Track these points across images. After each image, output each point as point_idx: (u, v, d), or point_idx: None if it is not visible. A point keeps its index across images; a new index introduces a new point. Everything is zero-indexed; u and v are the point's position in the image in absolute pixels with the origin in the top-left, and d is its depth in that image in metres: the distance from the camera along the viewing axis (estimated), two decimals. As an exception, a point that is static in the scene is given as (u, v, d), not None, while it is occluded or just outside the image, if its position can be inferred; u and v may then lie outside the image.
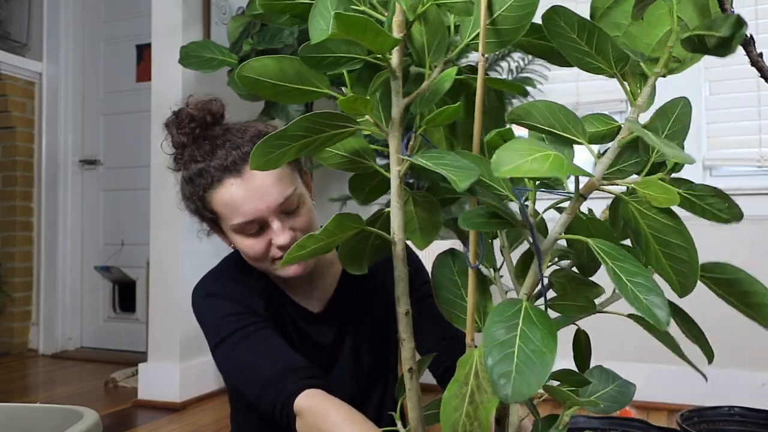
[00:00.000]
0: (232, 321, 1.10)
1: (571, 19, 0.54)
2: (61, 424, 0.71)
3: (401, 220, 0.65)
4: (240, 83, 0.60)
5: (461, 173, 0.53)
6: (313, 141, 0.62)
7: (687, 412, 1.13)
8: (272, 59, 0.61)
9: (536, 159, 0.49)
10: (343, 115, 0.61)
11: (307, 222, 1.11)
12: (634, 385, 0.71)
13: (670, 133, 0.60)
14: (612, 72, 0.57)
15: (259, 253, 1.09)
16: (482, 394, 0.55)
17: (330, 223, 0.61)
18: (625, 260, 0.52)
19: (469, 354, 0.58)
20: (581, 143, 0.57)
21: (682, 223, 0.55)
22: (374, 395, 1.25)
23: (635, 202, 0.57)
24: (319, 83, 0.63)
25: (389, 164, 0.65)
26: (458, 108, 0.61)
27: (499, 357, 0.48)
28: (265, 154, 0.61)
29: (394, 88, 0.63)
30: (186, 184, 1.13)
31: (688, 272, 0.55)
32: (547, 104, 0.58)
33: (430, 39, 0.63)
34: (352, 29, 0.53)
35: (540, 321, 0.51)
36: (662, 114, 0.61)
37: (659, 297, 0.50)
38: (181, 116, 1.15)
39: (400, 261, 0.66)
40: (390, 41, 0.57)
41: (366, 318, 1.23)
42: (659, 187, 0.54)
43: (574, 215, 0.58)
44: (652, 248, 0.56)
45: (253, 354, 1.07)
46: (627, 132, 0.57)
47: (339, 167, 0.70)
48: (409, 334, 0.66)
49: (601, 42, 0.55)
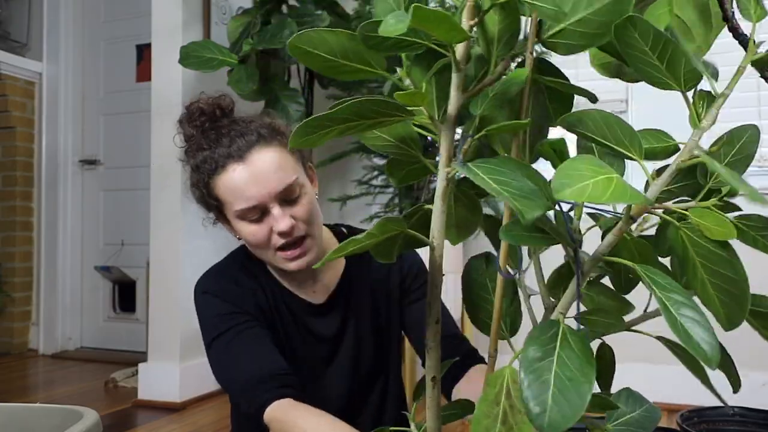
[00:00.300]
0: (224, 321, 1.14)
1: (647, 31, 0.51)
2: (61, 424, 0.71)
3: (443, 224, 0.61)
4: (291, 53, 0.57)
5: (528, 202, 0.48)
6: (359, 125, 0.59)
7: (687, 412, 1.13)
8: (330, 32, 0.57)
9: (598, 183, 0.46)
10: (395, 104, 0.57)
11: (308, 212, 1.12)
12: (659, 410, 0.69)
13: (732, 161, 0.58)
14: (680, 89, 0.54)
15: (261, 240, 1.11)
16: (516, 415, 0.53)
17: (375, 227, 0.59)
18: (674, 290, 0.50)
19: (500, 373, 0.56)
20: (635, 160, 0.54)
21: (735, 255, 0.52)
22: (375, 390, 1.26)
23: (686, 229, 0.54)
24: (374, 63, 0.59)
25: (433, 155, 0.62)
26: (527, 124, 0.57)
27: (534, 383, 0.47)
28: (306, 133, 0.57)
29: (455, 81, 0.59)
30: (193, 172, 1.16)
31: (737, 305, 0.53)
32: (603, 114, 0.55)
33: (504, 30, 0.58)
34: (428, 22, 0.50)
35: (578, 346, 0.49)
36: (727, 140, 0.57)
37: (708, 332, 0.47)
38: (192, 110, 1.19)
39: (436, 267, 0.63)
40: (462, 36, 0.54)
41: (368, 312, 1.25)
42: (715, 218, 0.51)
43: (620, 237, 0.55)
44: (700, 276, 0.54)
45: (237, 356, 1.11)
46: (688, 156, 0.53)
47: (382, 150, 0.67)
48: (437, 342, 0.64)
49: (675, 57, 0.52)
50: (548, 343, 0.50)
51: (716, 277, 0.53)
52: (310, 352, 1.20)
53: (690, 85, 0.53)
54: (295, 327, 1.20)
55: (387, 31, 0.49)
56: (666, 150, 0.58)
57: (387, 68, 0.61)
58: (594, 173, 0.47)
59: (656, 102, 2.55)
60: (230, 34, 2.69)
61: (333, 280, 1.24)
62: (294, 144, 0.58)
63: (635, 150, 0.54)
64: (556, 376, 0.47)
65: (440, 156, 0.60)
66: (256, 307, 1.17)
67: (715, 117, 0.54)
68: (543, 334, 0.51)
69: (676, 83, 0.53)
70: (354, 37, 0.58)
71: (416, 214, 0.66)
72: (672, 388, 2.50)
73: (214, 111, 1.17)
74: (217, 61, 2.54)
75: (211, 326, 1.16)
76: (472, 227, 0.70)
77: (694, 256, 0.54)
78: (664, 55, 0.52)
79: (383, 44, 0.57)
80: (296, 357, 1.19)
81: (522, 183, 0.51)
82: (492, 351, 0.65)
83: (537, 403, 0.46)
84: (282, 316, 1.20)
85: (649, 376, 2.55)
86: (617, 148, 0.55)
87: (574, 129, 0.56)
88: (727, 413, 1.14)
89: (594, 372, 0.48)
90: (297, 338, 1.20)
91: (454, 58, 0.58)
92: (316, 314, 1.22)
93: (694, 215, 0.53)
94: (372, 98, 0.56)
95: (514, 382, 0.54)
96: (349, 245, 0.58)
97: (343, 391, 1.22)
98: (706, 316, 0.49)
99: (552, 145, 0.58)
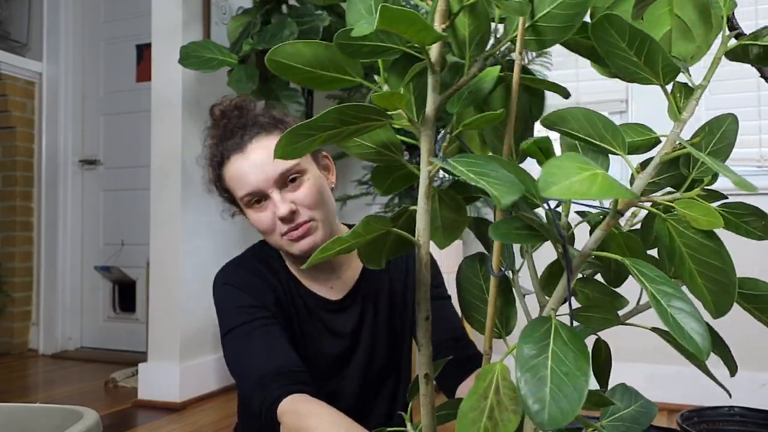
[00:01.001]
0: (243, 313, 1.16)
1: (623, 28, 0.52)
2: (61, 424, 0.71)
3: (428, 223, 0.62)
4: (269, 67, 0.58)
5: (504, 188, 0.49)
6: (342, 132, 0.60)
7: (687, 412, 1.13)
8: (305, 44, 0.59)
9: (584, 179, 0.46)
10: (375, 108, 0.58)
11: (310, 197, 1.15)
12: (656, 406, 0.69)
13: (714, 150, 0.58)
14: (659, 83, 0.55)
15: (268, 226, 1.15)
16: (502, 411, 0.53)
17: (358, 225, 0.59)
18: (663, 282, 0.50)
19: (490, 368, 0.56)
20: (619, 155, 0.55)
21: (722, 244, 0.53)
22: (385, 390, 1.27)
23: (673, 220, 0.55)
24: (352, 71, 0.61)
25: (417, 160, 0.63)
26: (501, 115, 0.58)
27: (531, 380, 0.47)
28: (291, 142, 0.58)
29: (430, 83, 0.60)
30: (209, 168, 1.23)
31: (725, 294, 0.53)
32: (585, 112, 0.56)
33: (474, 32, 0.60)
34: (398, 23, 0.51)
35: (572, 341, 0.50)
36: (707, 130, 0.58)
37: (699, 323, 0.48)
38: (214, 114, 1.24)
39: (423, 265, 0.64)
40: (433, 36, 0.54)
41: (384, 312, 1.26)
42: (702, 208, 0.52)
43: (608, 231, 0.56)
44: (687, 266, 0.55)
45: (253, 351, 1.12)
46: (670, 147, 0.54)
47: (364, 158, 0.68)
48: (428, 339, 0.65)
49: (652, 52, 0.52)
50: (542, 339, 0.50)
51: (704, 266, 0.54)
52: (325, 349, 1.22)
53: (668, 79, 0.54)
54: (311, 323, 1.22)
55: (358, 31, 0.51)
56: (648, 143, 0.59)
57: (365, 77, 0.62)
58: (579, 170, 0.47)
59: (656, 102, 2.55)
60: (230, 34, 2.69)
61: (351, 278, 1.26)
62: (278, 155, 0.59)
63: (619, 145, 0.55)
64: (552, 372, 0.47)
65: (421, 156, 0.61)
66: (276, 302, 1.19)
67: (694, 108, 0.55)
68: (536, 331, 0.51)
69: (655, 77, 0.54)
70: (329, 46, 0.59)
71: (403, 216, 0.67)
72: (672, 388, 2.51)
73: (233, 111, 1.22)
74: (217, 61, 2.54)
75: (230, 317, 1.17)
76: (459, 228, 0.70)
77: (681, 246, 0.55)
78: (641, 50, 0.53)
79: (359, 51, 0.59)
80: (310, 353, 1.20)
81: (500, 173, 0.52)
82: (487, 349, 0.65)
83: (535, 400, 0.46)
84: (298, 311, 1.22)
85: (649, 376, 2.56)
86: (601, 144, 0.56)
87: (557, 127, 0.57)
88: (727, 413, 1.14)
89: (589, 365, 0.48)
90: (312, 334, 1.22)
91: (429, 61, 0.59)
92: (333, 311, 1.23)
93: (681, 206, 0.54)
94: (351, 104, 0.57)
95: (504, 379, 0.55)
96: (335, 245, 0.59)
97: (355, 389, 1.23)
98: (696, 305, 0.50)
99: (538, 144, 0.59)
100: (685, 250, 0.55)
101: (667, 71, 0.54)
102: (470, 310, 0.68)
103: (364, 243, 0.63)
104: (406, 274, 1.27)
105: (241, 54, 2.58)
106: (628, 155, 0.56)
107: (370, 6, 0.61)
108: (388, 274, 1.27)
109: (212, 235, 2.88)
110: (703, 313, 0.50)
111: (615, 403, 0.68)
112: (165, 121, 2.80)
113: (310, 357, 1.19)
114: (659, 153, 0.55)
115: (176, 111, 2.77)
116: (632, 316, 0.65)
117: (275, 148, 0.58)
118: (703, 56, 0.60)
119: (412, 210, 0.65)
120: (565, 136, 0.59)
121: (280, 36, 2.49)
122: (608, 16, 0.52)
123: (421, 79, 0.62)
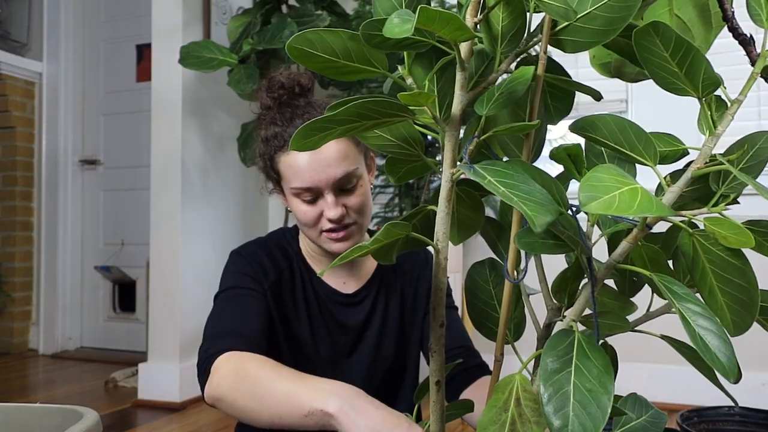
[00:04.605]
0: (238, 278, 1.19)
1: (669, 37, 0.50)
2: (61, 424, 0.71)
3: (448, 226, 0.60)
4: (290, 54, 0.56)
5: (539, 208, 0.47)
6: (360, 126, 0.57)
7: (687, 412, 1.13)
8: (329, 32, 0.56)
9: (624, 195, 0.45)
10: (398, 104, 0.56)
11: (361, 204, 1.16)
12: (665, 415, 0.69)
13: (746, 167, 0.57)
14: (697, 96, 0.53)
15: (311, 220, 1.15)
16: (525, 424, 0.52)
17: (380, 233, 0.57)
18: (689, 300, 0.50)
19: (509, 379, 0.55)
20: (649, 166, 0.54)
21: (748, 263, 0.52)
22: (389, 388, 1.28)
23: (699, 236, 0.53)
24: (376, 62, 0.58)
25: (437, 156, 0.61)
26: (538, 125, 0.56)
27: (555, 396, 0.47)
28: (307, 135, 0.56)
29: (459, 80, 0.57)
30: (261, 142, 1.21)
31: (746, 313, 0.53)
32: (617, 119, 0.54)
33: (508, 27, 0.57)
34: (434, 23, 0.49)
35: (595, 356, 0.49)
36: (740, 146, 0.57)
37: (725, 343, 0.47)
38: (273, 82, 1.22)
39: (441, 270, 0.62)
40: (468, 34, 0.52)
41: (395, 310, 1.27)
42: (732, 226, 0.51)
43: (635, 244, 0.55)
44: (709, 282, 0.54)
45: (225, 310, 1.15)
46: (702, 162, 0.53)
47: (383, 149, 0.66)
48: (441, 346, 0.64)
49: (695, 64, 0.51)
50: (565, 353, 0.49)
51: (727, 284, 0.53)
52: (333, 340, 1.23)
53: (707, 92, 0.53)
54: (320, 314, 1.23)
55: (393, 32, 0.48)
56: (675, 154, 0.58)
57: (388, 67, 0.60)
58: (618, 184, 0.46)
59: (656, 102, 2.55)
60: (230, 34, 2.69)
61: (366, 274, 1.27)
62: (294, 146, 0.57)
63: (650, 156, 0.54)
64: (576, 388, 0.47)
65: (444, 157, 0.59)
66: (276, 283, 1.20)
67: (729, 123, 0.53)
68: (559, 344, 0.50)
69: (694, 90, 0.53)
70: (355, 36, 0.56)
71: (418, 215, 0.66)
72: (672, 388, 2.50)
73: (294, 87, 1.20)
74: (217, 61, 2.54)
75: (226, 280, 1.20)
76: (475, 226, 0.69)
77: (705, 262, 0.54)
78: (684, 62, 0.51)
79: (386, 43, 0.56)
80: (318, 343, 1.21)
81: (530, 187, 0.50)
82: (498, 355, 0.64)
83: (559, 416, 0.46)
84: (309, 302, 1.23)
85: (649, 376, 2.55)
86: (632, 154, 0.54)
87: (586, 133, 0.56)
88: (727, 413, 1.14)
89: (613, 382, 0.48)
90: (321, 324, 1.23)
91: (458, 57, 0.57)
92: (344, 304, 1.24)
93: (710, 223, 0.52)
94: (374, 98, 0.55)
95: (525, 391, 0.54)
96: (354, 252, 0.58)
97: (359, 384, 1.23)
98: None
99: (567, 151, 0.58)
100: (709, 266, 0.53)
101: (707, 84, 0.52)
102: (480, 317, 0.68)
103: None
104: (418, 280, 1.28)
105: (241, 54, 2.58)
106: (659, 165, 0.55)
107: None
108: (403, 273, 1.28)
109: (212, 235, 2.87)
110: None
111: (627, 413, 0.68)
112: (165, 121, 2.80)
113: (316, 345, 1.21)
114: (691, 168, 0.54)
115: (176, 111, 2.77)
116: (642, 323, 0.64)
117: (292, 141, 0.57)
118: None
119: (430, 210, 0.64)
120: (593, 143, 0.57)
121: (280, 36, 2.49)
122: (655, 24, 0.50)
123: (446, 73, 0.60)
